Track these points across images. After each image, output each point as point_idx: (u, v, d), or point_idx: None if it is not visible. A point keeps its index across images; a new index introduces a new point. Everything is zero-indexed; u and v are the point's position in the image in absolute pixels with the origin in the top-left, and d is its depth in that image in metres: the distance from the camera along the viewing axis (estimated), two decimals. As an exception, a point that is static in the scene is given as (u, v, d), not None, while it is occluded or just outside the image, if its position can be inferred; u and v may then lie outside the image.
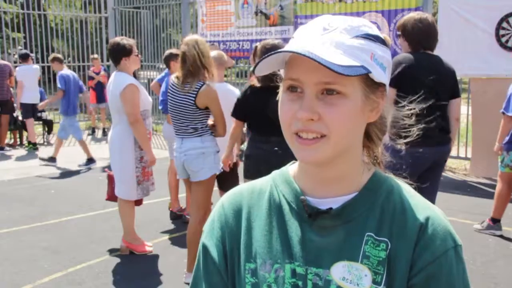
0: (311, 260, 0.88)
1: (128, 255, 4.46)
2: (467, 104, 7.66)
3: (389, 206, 0.90)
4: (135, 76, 6.25)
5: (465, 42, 6.95)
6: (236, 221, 0.97)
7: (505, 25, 6.71)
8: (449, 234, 0.88)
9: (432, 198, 3.50)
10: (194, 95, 3.62)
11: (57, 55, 8.84)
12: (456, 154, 7.80)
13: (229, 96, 4.10)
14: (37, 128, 10.73)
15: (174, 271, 4.12)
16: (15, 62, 9.00)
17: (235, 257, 0.95)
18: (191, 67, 3.63)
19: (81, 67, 12.89)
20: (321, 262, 0.88)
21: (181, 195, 5.48)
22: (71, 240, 4.86)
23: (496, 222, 4.87)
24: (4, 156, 9.17)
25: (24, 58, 9.75)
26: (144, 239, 4.59)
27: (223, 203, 1.01)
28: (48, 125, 10.83)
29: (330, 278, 0.87)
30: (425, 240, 0.86)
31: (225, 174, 4.03)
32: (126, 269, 4.23)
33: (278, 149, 3.37)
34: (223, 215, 0.99)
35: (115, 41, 4.31)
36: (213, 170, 3.77)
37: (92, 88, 11.17)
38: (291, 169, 0.99)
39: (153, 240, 4.77)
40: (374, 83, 0.87)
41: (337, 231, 0.89)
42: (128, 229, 4.46)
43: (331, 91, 0.83)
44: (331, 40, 0.83)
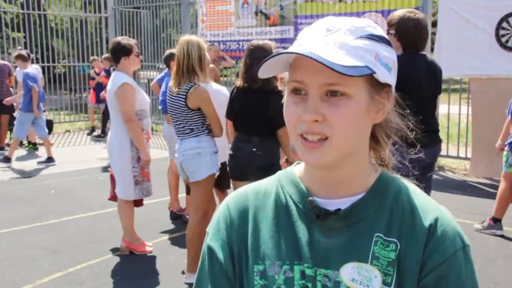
0: (320, 261, 0.88)
1: (128, 255, 4.45)
2: (467, 104, 7.66)
3: (397, 207, 0.90)
4: (134, 76, 6.25)
5: (465, 42, 6.94)
6: (243, 223, 0.96)
7: (505, 25, 6.71)
8: (458, 235, 0.88)
9: None
10: (184, 97, 3.64)
11: (22, 52, 8.74)
12: (456, 154, 7.80)
13: (218, 96, 4.10)
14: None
15: (174, 271, 4.11)
16: (15, 62, 8.97)
17: (242, 259, 0.94)
18: (181, 68, 3.66)
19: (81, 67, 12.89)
20: (329, 263, 0.87)
21: (181, 195, 5.48)
22: (71, 240, 4.85)
23: (497, 221, 4.87)
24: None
25: (25, 60, 9.70)
26: (144, 239, 4.59)
27: (228, 205, 1.00)
28: (48, 125, 10.80)
29: (339, 279, 0.86)
30: (434, 241, 0.86)
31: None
32: (126, 269, 4.22)
33: (256, 150, 3.49)
34: (229, 217, 0.97)
35: (116, 40, 4.35)
36: (210, 170, 3.75)
37: (92, 88, 11.19)
38: (296, 169, 0.99)
39: (153, 240, 4.77)
40: (379, 84, 0.86)
41: (345, 232, 0.89)
42: (127, 229, 4.45)
43: (335, 92, 0.83)
44: (335, 41, 0.83)
